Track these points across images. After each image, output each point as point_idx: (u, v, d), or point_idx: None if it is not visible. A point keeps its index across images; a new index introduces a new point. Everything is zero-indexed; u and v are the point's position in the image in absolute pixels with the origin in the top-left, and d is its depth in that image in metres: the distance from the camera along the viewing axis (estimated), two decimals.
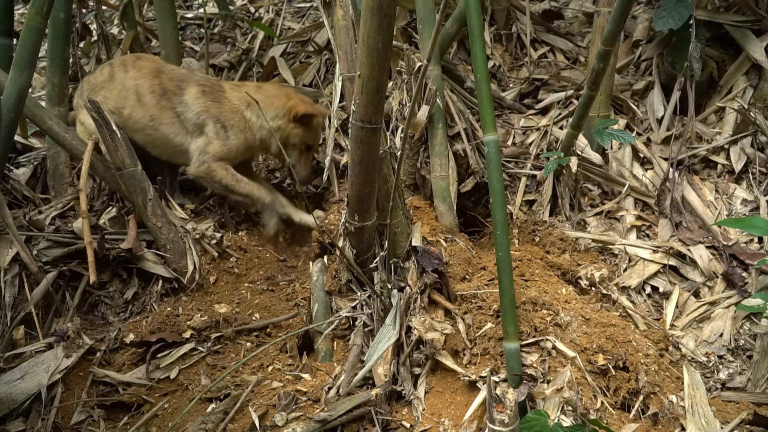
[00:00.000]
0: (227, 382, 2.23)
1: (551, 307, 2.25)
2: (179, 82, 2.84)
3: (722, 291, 2.60)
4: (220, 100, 2.83)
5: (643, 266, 2.70)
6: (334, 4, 2.28)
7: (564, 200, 2.94)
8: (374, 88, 1.88)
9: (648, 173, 3.06)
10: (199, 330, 2.43)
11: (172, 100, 2.79)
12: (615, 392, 2.09)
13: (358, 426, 2.06)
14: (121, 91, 2.81)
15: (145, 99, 2.79)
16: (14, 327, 2.41)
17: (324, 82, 3.73)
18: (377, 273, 2.34)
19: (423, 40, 2.85)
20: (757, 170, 2.96)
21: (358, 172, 2.12)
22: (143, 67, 2.86)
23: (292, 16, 4.43)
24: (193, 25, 4.71)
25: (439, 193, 2.81)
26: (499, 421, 1.83)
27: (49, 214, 2.76)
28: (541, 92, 3.57)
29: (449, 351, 2.19)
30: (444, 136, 2.84)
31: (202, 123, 2.79)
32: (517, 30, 3.78)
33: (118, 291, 2.66)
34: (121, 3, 3.72)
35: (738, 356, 2.42)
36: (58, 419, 2.17)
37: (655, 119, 3.30)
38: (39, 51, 2.24)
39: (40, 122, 2.61)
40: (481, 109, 2.15)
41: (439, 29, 2.25)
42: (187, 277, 2.59)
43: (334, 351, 2.39)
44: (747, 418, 2.11)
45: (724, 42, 3.28)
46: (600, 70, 2.54)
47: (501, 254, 2.05)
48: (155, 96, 2.78)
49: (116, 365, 2.36)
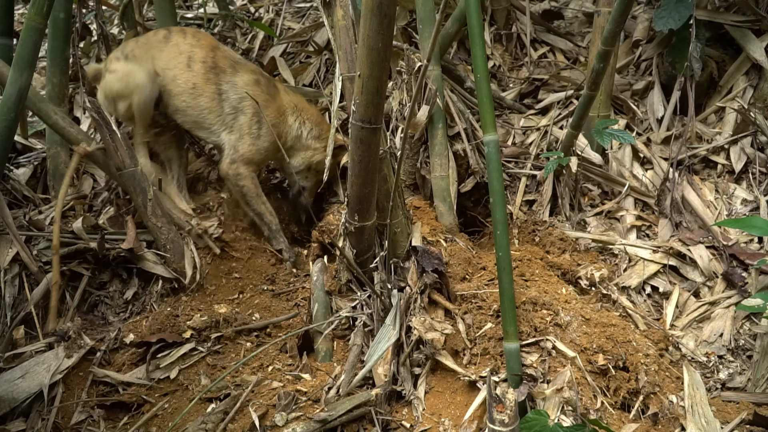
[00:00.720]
0: (227, 382, 2.23)
1: (551, 307, 2.25)
2: (234, 63, 2.85)
3: (722, 291, 2.60)
4: (271, 95, 2.83)
5: (643, 266, 2.69)
6: (334, 4, 2.28)
7: (564, 200, 2.93)
8: (374, 88, 1.88)
9: (648, 173, 3.06)
10: (199, 330, 2.43)
11: (220, 77, 2.78)
12: (615, 392, 2.09)
13: (358, 426, 2.06)
14: (173, 52, 2.81)
15: (195, 66, 2.79)
16: (14, 327, 2.41)
17: (324, 82, 3.73)
18: (377, 273, 2.34)
19: (423, 40, 2.85)
20: (757, 170, 2.96)
21: (358, 172, 2.12)
22: (202, 38, 2.88)
23: (292, 16, 4.43)
24: (193, 25, 4.70)
25: (439, 193, 2.81)
26: (499, 421, 1.83)
27: (49, 214, 2.76)
28: (541, 92, 3.57)
29: (449, 351, 2.19)
30: (444, 136, 2.84)
31: (241, 109, 2.78)
32: (517, 30, 3.78)
33: (118, 291, 2.66)
34: (121, 3, 3.72)
35: (738, 356, 2.42)
36: (58, 419, 2.17)
37: (655, 119, 3.30)
38: (39, 51, 2.25)
39: (46, 117, 2.60)
40: (481, 109, 2.15)
41: (439, 29, 2.25)
42: (187, 278, 2.59)
43: (334, 351, 2.39)
44: (747, 418, 2.11)
45: (724, 42, 3.28)
46: (600, 70, 2.53)
47: (501, 254, 2.05)
48: (205, 66, 2.78)
49: (116, 365, 2.36)
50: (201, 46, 2.82)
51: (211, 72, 2.78)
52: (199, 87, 2.78)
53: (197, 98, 2.79)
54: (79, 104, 3.55)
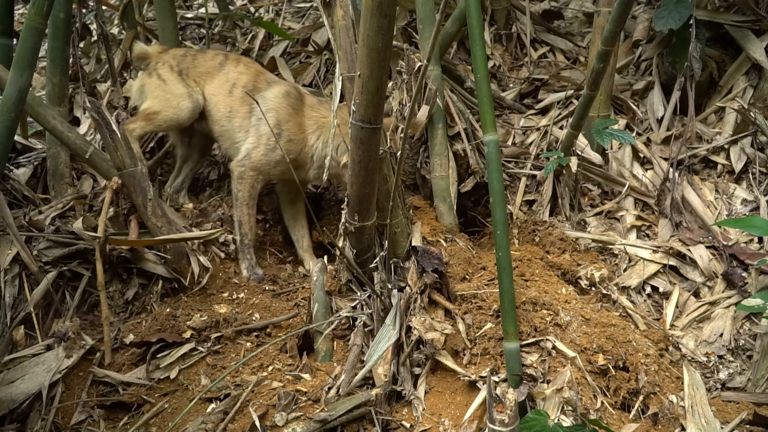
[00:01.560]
0: (227, 382, 2.23)
1: (551, 307, 2.25)
2: (271, 82, 2.89)
3: (722, 291, 2.60)
4: (297, 109, 2.81)
5: (643, 266, 2.69)
6: (334, 4, 2.27)
7: (564, 200, 2.93)
8: (374, 88, 1.88)
9: (648, 173, 3.06)
10: (199, 330, 2.43)
11: (254, 95, 2.80)
12: (615, 392, 2.09)
13: (358, 426, 2.06)
14: (222, 80, 2.89)
15: (236, 92, 2.85)
16: (14, 327, 2.41)
17: (324, 82, 3.73)
18: (377, 273, 2.34)
19: (423, 40, 2.85)
20: (757, 170, 2.96)
21: (358, 172, 2.12)
22: (251, 66, 2.94)
23: (292, 16, 4.43)
24: (193, 25, 4.71)
25: (439, 193, 2.81)
26: (499, 421, 1.83)
27: (49, 214, 2.76)
28: (541, 92, 3.57)
29: (449, 351, 2.19)
30: (444, 136, 2.84)
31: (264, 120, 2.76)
32: (517, 30, 3.78)
33: (118, 291, 2.66)
34: (121, 3, 3.72)
35: (738, 356, 2.42)
36: (58, 419, 2.17)
37: (655, 119, 3.30)
38: (39, 51, 2.24)
39: (44, 121, 2.60)
40: (481, 109, 2.15)
41: (439, 29, 2.25)
42: (188, 279, 2.59)
43: (334, 351, 2.39)
44: (747, 418, 2.11)
45: (724, 42, 3.28)
46: (600, 70, 2.54)
47: (501, 254, 2.05)
48: (244, 90, 2.83)
49: (116, 365, 2.36)
50: (247, 73, 2.89)
51: (247, 95, 2.81)
52: (235, 110, 2.85)
53: (232, 120, 2.86)
54: (79, 104, 3.55)
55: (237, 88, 2.85)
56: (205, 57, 2.98)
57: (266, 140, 2.77)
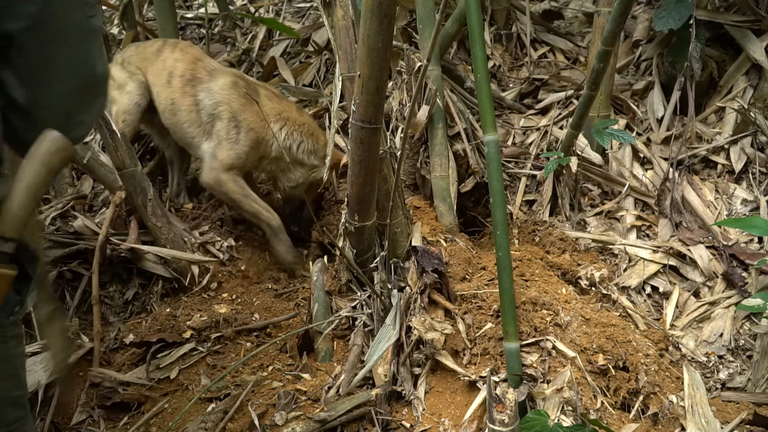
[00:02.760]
0: (227, 382, 2.23)
1: (551, 307, 2.25)
2: (212, 71, 2.73)
3: (722, 291, 2.60)
4: (249, 98, 2.67)
5: (643, 266, 2.69)
6: (334, 4, 2.27)
7: (564, 200, 2.93)
8: (374, 88, 1.88)
9: (648, 173, 3.06)
10: (199, 330, 2.43)
11: (196, 87, 2.69)
12: (615, 392, 2.09)
13: (358, 426, 2.06)
14: (159, 68, 2.75)
15: (174, 81, 2.71)
16: None
17: (324, 82, 3.73)
18: (377, 273, 2.34)
19: (423, 40, 2.84)
20: (757, 170, 2.96)
21: (358, 172, 2.12)
22: (188, 52, 2.79)
23: (292, 16, 4.43)
24: (193, 25, 4.71)
25: (439, 193, 2.81)
26: (499, 421, 1.83)
27: (49, 214, 2.76)
28: (541, 92, 3.57)
29: (449, 351, 2.19)
30: (444, 136, 2.84)
31: (217, 115, 2.65)
32: (517, 30, 3.78)
33: (118, 291, 2.66)
34: (121, 3, 3.72)
35: (738, 356, 2.42)
36: (58, 419, 2.17)
37: (655, 119, 3.30)
38: None
39: None
40: (481, 109, 2.15)
41: (439, 29, 2.25)
42: (188, 279, 2.59)
43: (334, 351, 2.39)
44: (747, 418, 2.11)
45: (724, 42, 3.28)
46: (600, 70, 2.53)
47: (501, 254, 2.05)
48: (183, 80, 2.70)
49: (116, 365, 2.36)
50: (183, 60, 2.75)
51: (188, 85, 2.69)
52: (177, 102, 2.70)
53: (177, 113, 2.71)
54: None
55: (175, 78, 2.70)
56: (145, 44, 2.90)
57: (226, 134, 2.64)
